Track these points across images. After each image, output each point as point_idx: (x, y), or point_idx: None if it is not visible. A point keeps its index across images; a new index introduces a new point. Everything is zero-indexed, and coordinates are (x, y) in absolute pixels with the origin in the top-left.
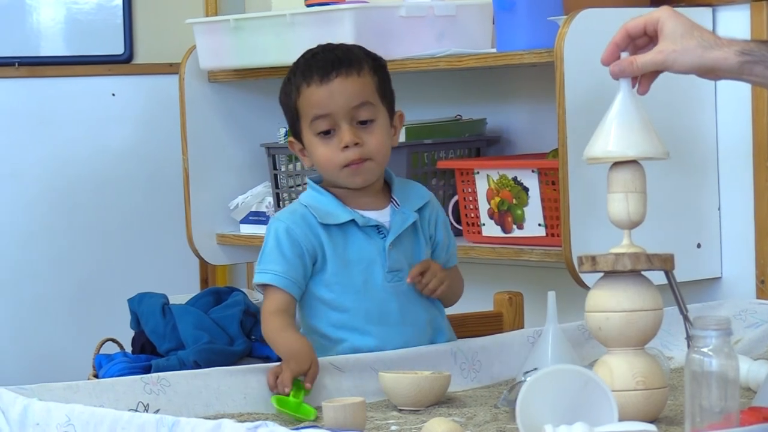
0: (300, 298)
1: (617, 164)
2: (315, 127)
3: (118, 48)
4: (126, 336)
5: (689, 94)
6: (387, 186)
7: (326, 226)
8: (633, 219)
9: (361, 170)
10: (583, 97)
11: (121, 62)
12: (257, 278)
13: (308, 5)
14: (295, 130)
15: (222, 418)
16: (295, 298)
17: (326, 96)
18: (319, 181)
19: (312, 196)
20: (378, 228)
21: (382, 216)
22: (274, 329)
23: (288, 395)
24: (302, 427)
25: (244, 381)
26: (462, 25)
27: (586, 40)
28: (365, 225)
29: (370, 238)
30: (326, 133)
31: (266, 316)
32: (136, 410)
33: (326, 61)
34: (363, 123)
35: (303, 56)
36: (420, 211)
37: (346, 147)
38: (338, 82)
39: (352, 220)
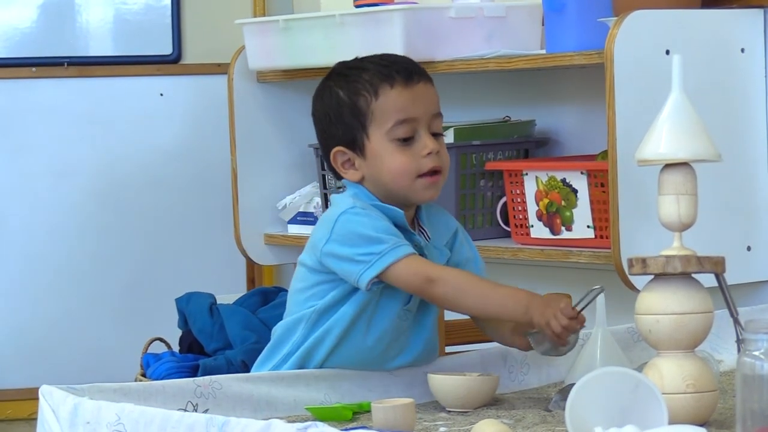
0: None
1: (668, 166)
2: (394, 133)
3: (166, 48)
4: (174, 335)
5: (740, 97)
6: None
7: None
8: (684, 221)
9: (437, 184)
10: (633, 98)
11: (170, 62)
12: (395, 254)
13: (357, 6)
14: (350, 138)
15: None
16: None
17: (412, 100)
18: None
19: (372, 200)
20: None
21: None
22: (476, 280)
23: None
24: (353, 428)
25: (295, 386)
26: (511, 26)
27: (636, 41)
28: (415, 246)
29: None
30: (405, 140)
31: (440, 270)
32: (185, 410)
33: (405, 65)
34: (434, 135)
35: (359, 61)
36: (448, 244)
37: (429, 154)
38: (422, 87)
39: (412, 235)
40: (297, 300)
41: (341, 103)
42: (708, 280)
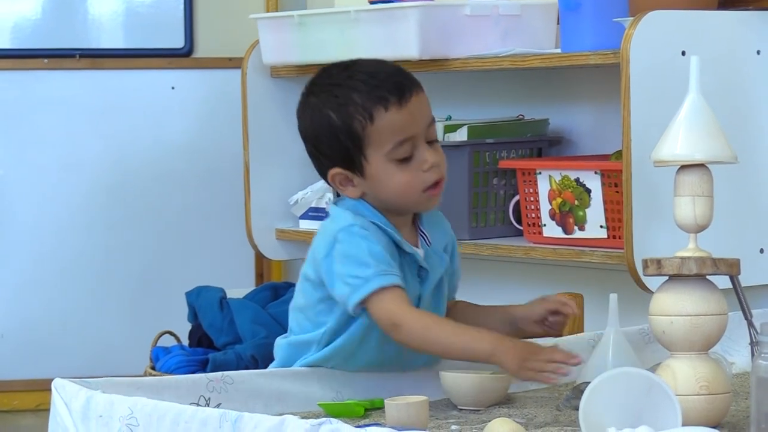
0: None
1: (685, 167)
2: (395, 154)
3: (178, 41)
4: (183, 329)
5: (755, 98)
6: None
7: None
8: (699, 223)
9: (440, 192)
10: (648, 99)
11: (181, 56)
12: (380, 281)
13: (372, 2)
14: (347, 159)
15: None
16: None
17: (408, 119)
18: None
19: (374, 215)
20: (420, 270)
21: (419, 254)
22: (441, 324)
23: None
24: (366, 425)
25: (307, 382)
26: (526, 25)
27: (652, 42)
28: (414, 263)
29: (413, 278)
30: (404, 159)
31: (408, 314)
32: (197, 404)
33: (396, 78)
34: (429, 143)
35: (346, 76)
36: (447, 249)
37: (431, 167)
38: (415, 101)
39: (411, 255)
40: (301, 319)
41: (334, 125)
42: (721, 281)
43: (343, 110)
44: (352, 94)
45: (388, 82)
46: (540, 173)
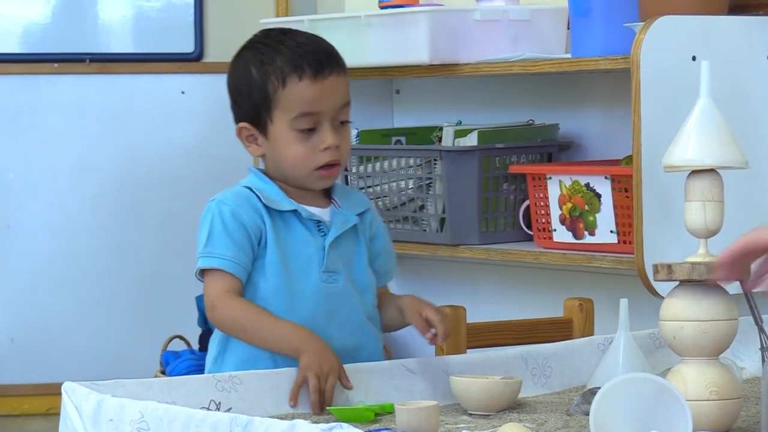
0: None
1: (695, 172)
2: (297, 124)
3: (188, 46)
4: (193, 333)
5: (764, 103)
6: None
7: (269, 211)
8: (710, 228)
9: (333, 175)
10: (658, 104)
11: (191, 60)
12: (204, 263)
13: (382, 7)
14: (256, 116)
15: (293, 418)
16: (243, 283)
17: (319, 94)
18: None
19: (256, 182)
20: (319, 224)
21: (323, 214)
22: (256, 315)
23: (330, 404)
24: (377, 430)
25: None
26: (536, 30)
27: (662, 47)
28: (308, 218)
29: (311, 234)
30: (307, 131)
31: (225, 300)
32: (208, 408)
33: (319, 55)
34: (340, 123)
35: (277, 40)
36: (361, 215)
37: (326, 149)
38: (332, 80)
39: (295, 211)
40: None
41: (252, 81)
42: (731, 287)
43: (263, 68)
44: (276, 57)
45: (312, 55)
46: (550, 178)
